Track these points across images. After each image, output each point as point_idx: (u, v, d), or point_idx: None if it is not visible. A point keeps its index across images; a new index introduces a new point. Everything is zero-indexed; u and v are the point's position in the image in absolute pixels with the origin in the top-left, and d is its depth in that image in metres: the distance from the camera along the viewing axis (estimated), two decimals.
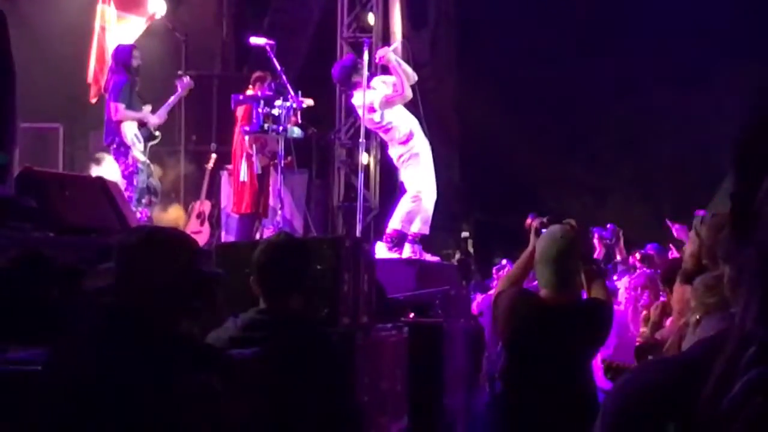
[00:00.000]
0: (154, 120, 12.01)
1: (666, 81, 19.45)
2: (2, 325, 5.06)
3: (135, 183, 11.58)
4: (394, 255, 10.89)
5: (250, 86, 12.36)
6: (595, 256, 12.72)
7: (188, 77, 12.81)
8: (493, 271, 14.89)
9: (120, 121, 11.65)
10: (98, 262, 3.86)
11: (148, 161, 11.93)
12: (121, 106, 11.62)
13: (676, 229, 11.81)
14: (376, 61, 11.56)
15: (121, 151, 11.71)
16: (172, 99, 12.43)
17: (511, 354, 5.77)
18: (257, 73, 12.48)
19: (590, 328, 5.65)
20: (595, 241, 13.18)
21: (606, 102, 19.93)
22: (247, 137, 11.97)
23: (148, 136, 11.91)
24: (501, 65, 18.11)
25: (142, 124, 11.85)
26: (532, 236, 5.87)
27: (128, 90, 11.78)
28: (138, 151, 11.71)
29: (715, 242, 5.22)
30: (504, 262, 14.35)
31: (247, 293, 4.71)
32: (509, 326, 5.68)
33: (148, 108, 12.05)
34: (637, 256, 13.03)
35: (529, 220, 5.99)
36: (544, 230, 5.76)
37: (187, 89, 12.61)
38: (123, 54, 11.99)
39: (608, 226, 13.28)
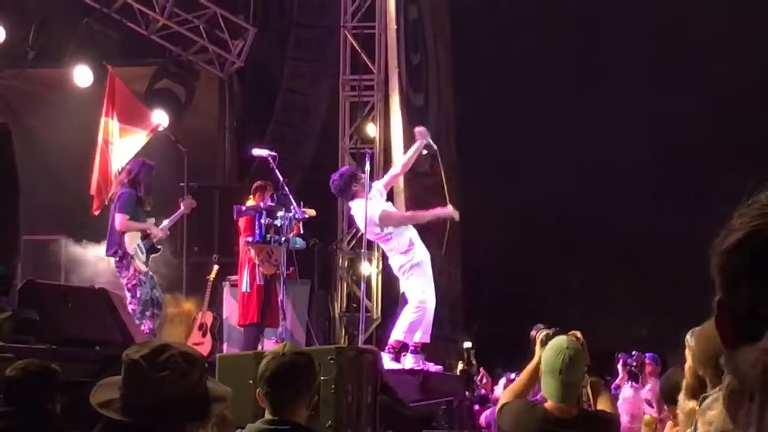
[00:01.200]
0: (158, 232, 12.04)
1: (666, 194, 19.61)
2: None
3: (138, 295, 11.55)
4: (397, 365, 10.86)
5: (251, 196, 12.42)
6: (618, 381, 12.67)
7: (191, 197, 12.85)
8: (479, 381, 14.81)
9: (123, 232, 11.69)
10: (102, 374, 3.84)
11: (151, 273, 11.92)
12: (126, 217, 11.66)
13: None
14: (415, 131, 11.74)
15: (123, 263, 11.71)
16: (174, 216, 12.46)
17: None
18: (258, 183, 12.55)
19: None
20: (619, 366, 13.07)
21: (607, 214, 20.02)
22: (251, 248, 12.00)
23: (150, 248, 11.94)
24: (502, 175, 18.22)
25: (145, 236, 11.88)
26: (537, 348, 5.84)
27: (134, 202, 11.83)
28: (140, 262, 11.71)
29: (705, 352, 5.22)
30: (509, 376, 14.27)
31: (251, 404, 4.69)
32: None
33: (151, 221, 12.09)
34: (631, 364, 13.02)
35: (534, 332, 5.97)
36: (549, 342, 5.74)
37: (189, 209, 12.65)
38: (145, 173, 12.06)
39: (634, 352, 13.17)
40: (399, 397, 8.54)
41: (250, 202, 12.30)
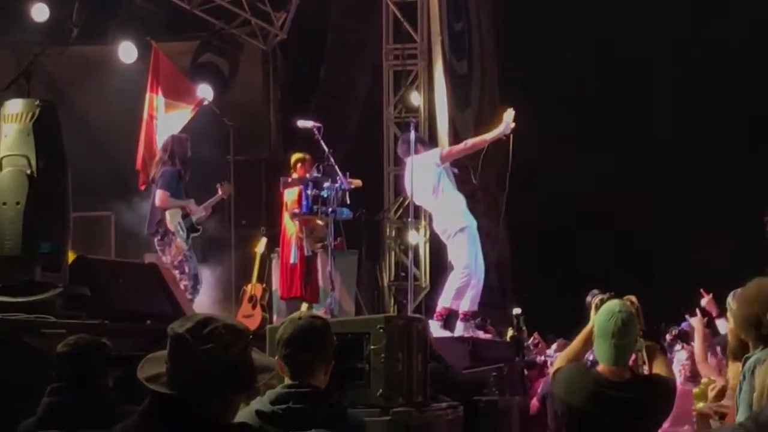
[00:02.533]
0: (199, 211, 12.02)
1: None
2: (60, 414, 5.09)
3: (187, 270, 11.56)
4: (446, 333, 10.87)
5: (291, 168, 12.43)
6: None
7: (228, 183, 12.81)
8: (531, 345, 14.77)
9: (163, 209, 11.69)
10: (152, 348, 3.87)
11: (191, 252, 11.88)
12: (166, 194, 11.65)
13: (705, 301, 11.76)
14: None
15: (165, 241, 11.70)
16: (211, 200, 12.44)
17: (570, 429, 5.71)
18: (298, 155, 12.55)
19: (652, 403, 5.58)
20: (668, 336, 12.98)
21: (666, 177, 19.89)
22: (296, 221, 12.01)
23: (190, 227, 11.90)
24: (547, 141, 18.12)
25: (185, 215, 11.86)
26: (592, 313, 5.83)
27: (175, 179, 11.82)
28: (181, 240, 11.71)
29: (745, 316, 5.19)
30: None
31: None
32: (567, 401, 5.63)
33: (191, 201, 12.07)
34: (673, 332, 12.92)
35: (589, 297, 5.95)
36: None
37: (226, 194, 12.62)
38: (178, 146, 12.05)
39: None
40: (449, 365, 8.54)
41: (295, 175, 12.31)
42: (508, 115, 11.10)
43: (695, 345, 9.31)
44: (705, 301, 11.38)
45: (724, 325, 12.16)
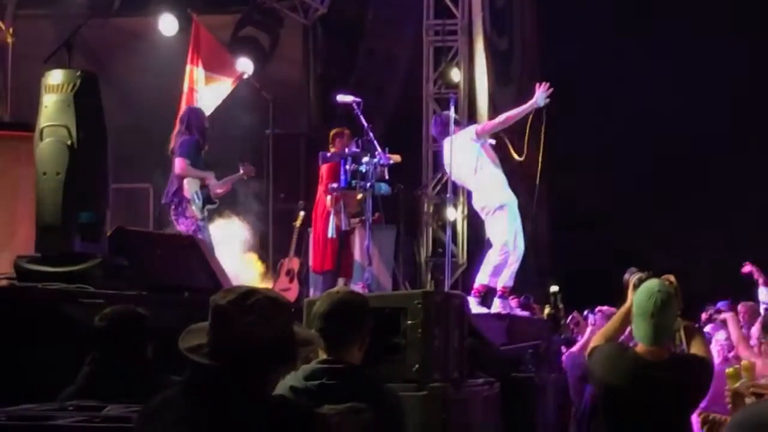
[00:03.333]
0: (217, 186, 11.97)
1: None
2: (99, 383, 5.11)
3: (200, 238, 11.52)
4: (483, 309, 10.86)
5: (330, 143, 12.42)
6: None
7: (250, 164, 12.75)
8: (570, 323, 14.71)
9: (183, 177, 11.67)
10: (191, 320, 3.87)
11: (205, 223, 11.83)
12: (186, 162, 11.62)
13: (747, 269, 11.71)
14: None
15: (179, 210, 11.65)
16: (231, 177, 12.41)
17: (607, 408, 5.69)
18: (336, 129, 12.54)
19: (689, 383, 5.56)
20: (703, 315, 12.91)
21: (705, 158, 19.74)
22: (329, 196, 12.00)
23: (206, 198, 11.88)
24: (588, 120, 18.04)
25: (202, 186, 11.83)
26: (629, 292, 5.80)
27: (195, 149, 11.80)
28: (197, 208, 11.67)
29: None
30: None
31: None
32: (605, 380, 5.61)
33: (211, 174, 12.06)
34: (710, 312, 12.86)
35: (627, 275, 5.92)
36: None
37: (248, 175, 12.59)
38: (195, 116, 12.04)
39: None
40: (487, 341, 8.53)
41: (332, 150, 12.29)
42: (542, 88, 11.06)
43: (732, 334, 9.25)
44: (747, 268, 11.30)
45: (766, 294, 12.11)
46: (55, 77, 7.80)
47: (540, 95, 11.02)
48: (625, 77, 19.88)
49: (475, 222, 13.70)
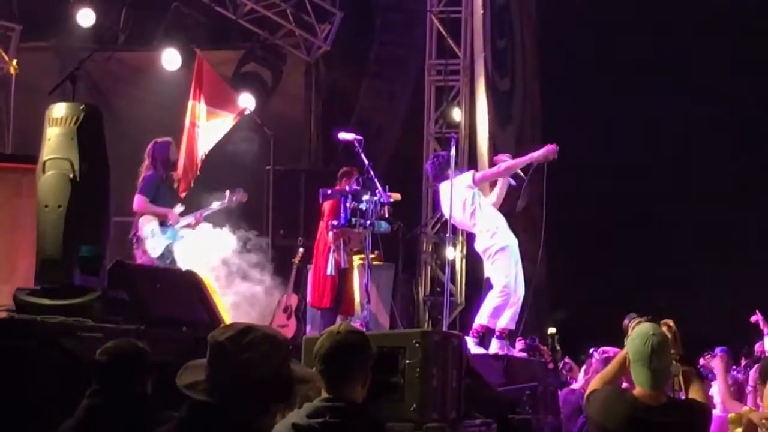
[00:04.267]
0: (185, 219, 11.90)
1: None
2: (98, 418, 5.10)
3: None
4: (481, 350, 10.85)
5: (337, 181, 12.45)
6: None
7: (243, 192, 12.70)
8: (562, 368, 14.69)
9: (139, 213, 11.62)
10: (189, 355, 3.88)
11: (168, 261, 11.71)
12: (144, 199, 11.55)
13: (756, 318, 11.69)
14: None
15: (137, 246, 11.62)
16: (215, 205, 12.38)
17: None
18: (344, 168, 12.56)
19: (687, 428, 5.55)
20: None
21: (698, 201, 19.78)
22: (330, 233, 12.00)
23: (169, 234, 11.81)
24: (586, 161, 18.07)
25: (162, 222, 11.77)
26: (629, 336, 5.80)
27: (156, 185, 11.74)
28: (150, 247, 11.60)
29: None
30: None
31: None
32: (602, 424, 5.60)
33: (179, 208, 12.02)
34: (708, 357, 12.83)
35: (626, 321, 5.93)
36: None
37: (235, 204, 12.55)
38: (159, 150, 11.99)
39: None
40: (485, 382, 8.53)
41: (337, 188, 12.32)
42: (550, 149, 11.13)
43: (718, 384, 9.26)
44: (755, 317, 11.28)
45: None
46: (59, 110, 7.83)
47: (544, 153, 11.08)
48: (625, 121, 19.95)
49: (474, 262, 13.70)
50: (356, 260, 12.49)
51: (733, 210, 19.50)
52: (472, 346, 10.66)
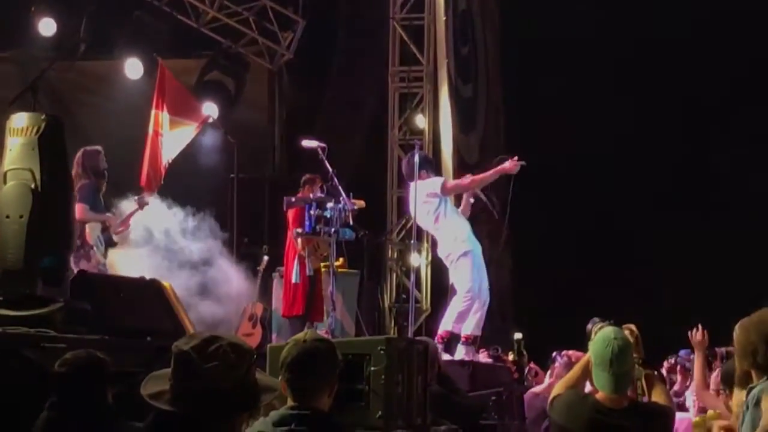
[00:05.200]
0: (117, 226, 11.92)
1: None
2: (58, 429, 5.07)
3: None
4: (446, 356, 10.86)
5: (300, 188, 12.44)
6: (677, 387, 12.53)
7: (147, 197, 12.70)
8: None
9: (83, 222, 11.59)
10: (153, 364, 3.87)
11: (106, 267, 11.72)
12: (85, 207, 11.51)
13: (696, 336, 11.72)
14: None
15: (81, 253, 11.54)
16: (128, 214, 12.39)
17: None
18: (307, 176, 12.56)
19: (650, 430, 5.57)
20: (678, 373, 12.93)
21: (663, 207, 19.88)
22: (299, 239, 12.00)
23: (107, 241, 11.82)
24: (549, 166, 18.12)
25: (104, 229, 11.74)
26: (592, 340, 5.82)
27: (93, 193, 11.68)
28: (99, 253, 11.59)
29: (743, 344, 5.19)
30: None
31: None
32: (565, 427, 5.62)
33: (110, 216, 12.00)
34: (671, 361, 12.91)
35: (589, 325, 5.95)
36: None
37: (142, 206, 12.54)
38: (88, 159, 11.91)
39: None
40: (457, 387, 8.54)
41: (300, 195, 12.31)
42: (513, 163, 11.19)
43: (695, 373, 9.30)
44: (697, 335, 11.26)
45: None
46: (20, 120, 7.78)
47: (509, 167, 11.15)
48: (590, 130, 20.01)
49: (439, 268, 13.71)
50: (322, 267, 12.48)
51: (694, 211, 19.61)
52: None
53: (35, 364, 6.52)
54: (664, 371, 12.67)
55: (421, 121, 17.28)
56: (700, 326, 9.80)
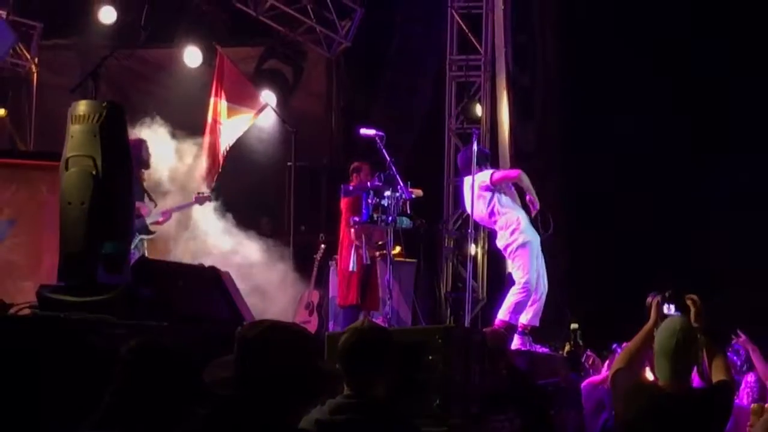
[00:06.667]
0: (155, 215, 11.96)
1: None
2: (120, 415, 5.11)
3: None
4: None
5: (350, 177, 12.47)
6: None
7: (209, 195, 12.79)
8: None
9: None
10: (212, 352, 3.89)
11: (139, 254, 11.75)
12: None
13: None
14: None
15: None
16: (182, 205, 12.45)
17: None
18: (354, 164, 12.60)
19: (709, 419, 5.56)
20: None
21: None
22: (353, 228, 12.01)
23: (141, 228, 11.85)
24: (609, 154, 17.99)
25: (138, 216, 11.79)
26: (652, 312, 5.80)
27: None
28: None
29: None
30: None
31: None
32: (625, 413, 5.61)
33: (152, 206, 12.06)
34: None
35: (649, 299, 5.92)
36: (665, 304, 5.70)
37: (201, 203, 12.61)
38: (133, 147, 11.96)
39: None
40: (525, 375, 8.54)
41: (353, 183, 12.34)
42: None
43: (756, 364, 9.23)
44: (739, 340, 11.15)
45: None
46: (82, 108, 7.85)
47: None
48: (644, 121, 19.84)
49: (495, 258, 13.69)
50: (378, 256, 12.51)
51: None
52: None
53: (96, 349, 6.58)
54: None
55: (478, 109, 17.23)
56: (739, 332, 9.74)
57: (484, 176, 11.30)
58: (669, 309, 5.77)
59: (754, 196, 18.90)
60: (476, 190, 11.15)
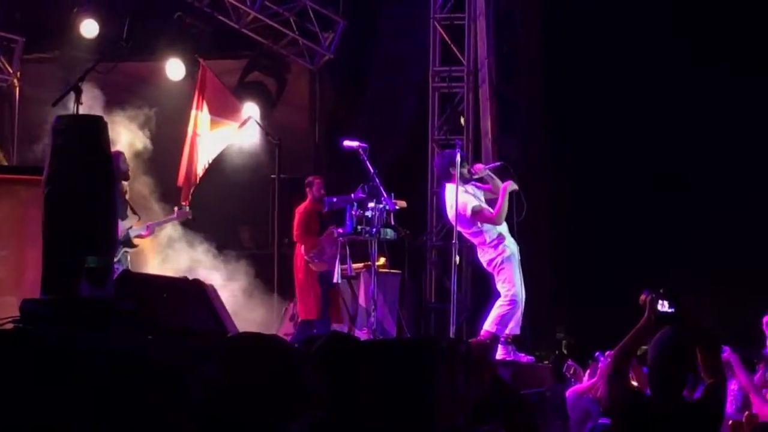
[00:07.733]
0: (138, 229, 11.97)
1: None
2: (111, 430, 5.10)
3: None
4: None
5: (305, 191, 12.64)
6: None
7: (188, 210, 12.81)
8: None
9: None
10: (195, 365, 3.88)
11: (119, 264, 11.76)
12: None
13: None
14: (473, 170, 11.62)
15: None
16: (163, 220, 12.48)
17: None
18: (308, 178, 12.76)
19: (705, 428, 5.57)
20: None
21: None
22: (303, 242, 12.13)
23: (124, 241, 11.83)
24: (594, 164, 18.03)
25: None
26: (647, 309, 5.79)
27: None
28: None
29: None
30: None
31: None
32: (619, 427, 5.62)
33: (135, 218, 12.05)
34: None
35: (643, 296, 5.90)
36: (659, 301, 5.68)
37: (181, 219, 12.65)
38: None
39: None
40: (510, 387, 8.53)
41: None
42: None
43: (740, 376, 9.23)
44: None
45: None
46: (64, 122, 7.83)
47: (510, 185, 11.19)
48: (629, 129, 19.88)
49: (480, 269, 13.67)
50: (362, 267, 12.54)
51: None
52: None
53: (78, 363, 6.54)
54: None
55: (461, 120, 17.25)
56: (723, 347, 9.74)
57: (466, 203, 11.24)
58: (663, 306, 5.75)
59: (750, 196, 18.99)
60: (459, 203, 11.14)
